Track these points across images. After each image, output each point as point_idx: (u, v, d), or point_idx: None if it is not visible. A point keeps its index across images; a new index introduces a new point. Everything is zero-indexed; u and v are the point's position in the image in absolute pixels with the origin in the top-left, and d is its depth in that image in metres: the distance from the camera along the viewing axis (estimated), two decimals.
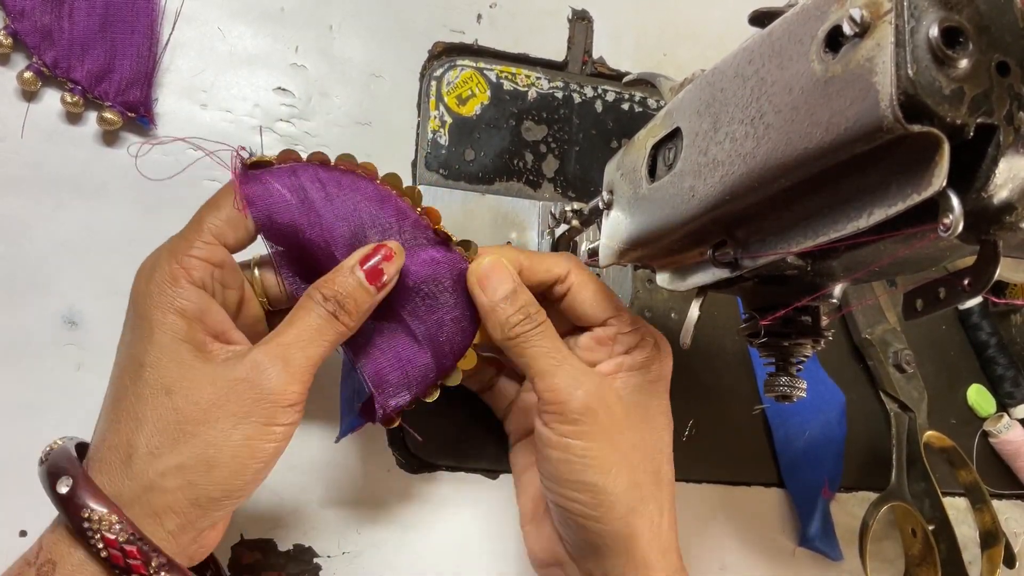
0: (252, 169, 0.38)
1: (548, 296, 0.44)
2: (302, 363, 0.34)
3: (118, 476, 0.32)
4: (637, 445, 0.40)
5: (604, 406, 0.39)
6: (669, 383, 0.43)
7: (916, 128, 0.23)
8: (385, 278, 0.37)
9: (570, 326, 0.45)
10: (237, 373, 0.33)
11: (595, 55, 0.59)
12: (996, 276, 0.27)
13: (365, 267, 0.37)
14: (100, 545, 0.30)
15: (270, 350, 0.34)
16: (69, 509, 0.31)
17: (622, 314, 0.43)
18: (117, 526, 0.31)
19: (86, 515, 0.30)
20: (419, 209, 0.41)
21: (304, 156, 0.40)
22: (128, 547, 0.31)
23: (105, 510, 0.31)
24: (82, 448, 0.35)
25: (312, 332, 0.35)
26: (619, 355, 0.42)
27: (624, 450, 0.39)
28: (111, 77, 0.46)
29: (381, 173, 0.41)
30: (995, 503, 0.60)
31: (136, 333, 0.34)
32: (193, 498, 0.32)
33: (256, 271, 0.40)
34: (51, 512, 0.32)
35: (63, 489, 0.31)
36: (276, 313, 0.41)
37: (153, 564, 0.31)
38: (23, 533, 0.42)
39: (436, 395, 0.42)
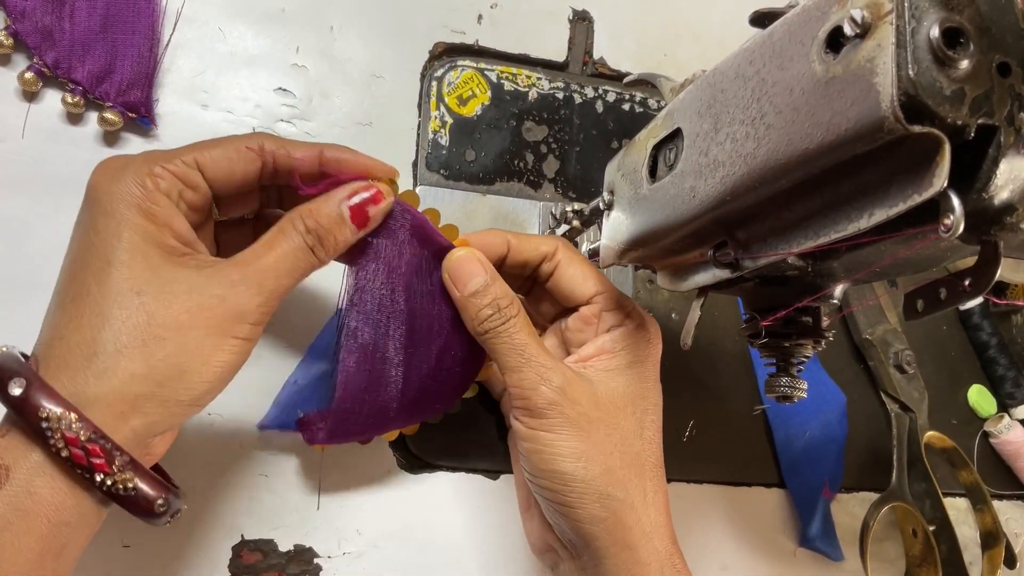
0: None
1: (537, 277, 0.45)
2: (274, 289, 0.35)
3: (81, 374, 0.31)
4: (611, 432, 0.40)
5: (569, 400, 0.39)
6: (656, 365, 0.43)
7: (917, 129, 0.23)
8: (369, 220, 0.37)
9: (560, 308, 0.45)
10: (213, 289, 0.33)
11: (596, 56, 0.59)
12: (997, 277, 0.27)
13: (351, 202, 0.37)
14: (61, 444, 0.29)
15: (248, 274, 0.34)
16: (25, 410, 0.30)
17: (607, 291, 0.43)
18: (76, 424, 0.30)
19: (44, 415, 0.29)
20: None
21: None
22: (90, 445, 0.30)
23: (63, 409, 0.30)
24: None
25: (289, 261, 0.35)
26: (602, 334, 0.43)
27: (595, 438, 0.40)
28: (112, 78, 0.46)
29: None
30: (996, 503, 0.60)
31: (100, 231, 0.33)
32: (162, 400, 0.32)
33: None
34: None
35: (16, 391, 0.30)
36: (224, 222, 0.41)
37: (116, 463, 0.30)
38: None
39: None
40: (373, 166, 0.39)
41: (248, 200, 0.40)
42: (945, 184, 0.24)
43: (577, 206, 0.48)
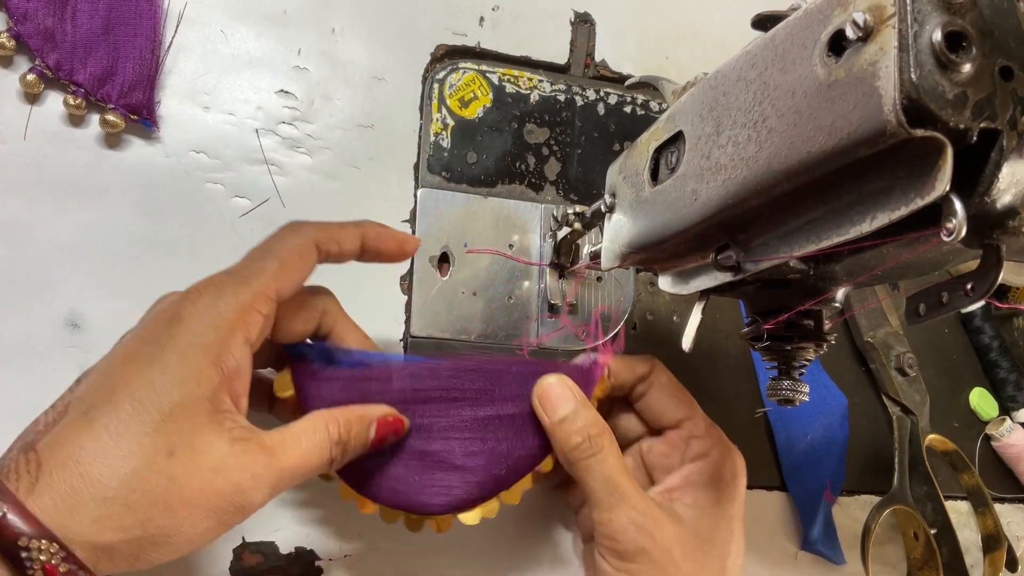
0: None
1: (628, 397, 0.45)
2: (285, 487, 0.35)
3: (82, 513, 0.29)
4: (695, 573, 0.40)
5: (657, 546, 0.39)
6: (741, 504, 0.43)
7: (919, 132, 0.23)
8: (383, 444, 0.38)
9: (643, 429, 0.46)
10: (234, 474, 0.32)
11: (597, 58, 0.59)
12: (999, 280, 0.27)
13: (378, 432, 0.38)
14: (39, 574, 0.28)
15: (271, 470, 0.33)
16: (3, 534, 0.28)
17: (696, 416, 0.43)
18: (58, 557, 0.28)
19: (24, 543, 0.28)
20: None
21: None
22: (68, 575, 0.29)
23: (47, 541, 0.28)
24: None
25: (310, 466, 0.35)
26: (689, 462, 0.42)
27: None
28: (114, 79, 0.46)
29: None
30: (997, 507, 0.60)
31: (167, 371, 0.32)
32: (137, 556, 0.31)
33: None
34: None
35: None
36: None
37: None
38: None
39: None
40: (404, 239, 0.41)
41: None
42: (947, 188, 0.24)
43: (579, 208, 0.48)
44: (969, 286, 0.28)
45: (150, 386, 0.32)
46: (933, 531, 0.56)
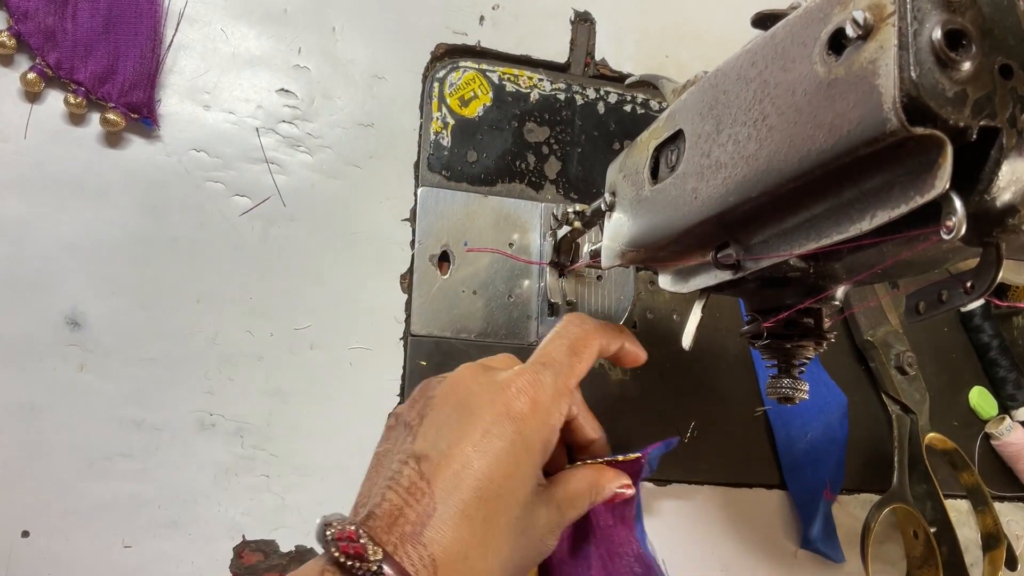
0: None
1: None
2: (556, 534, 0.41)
3: None
4: None
5: None
6: None
7: (919, 130, 0.23)
8: (612, 504, 0.45)
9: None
10: (550, 538, 0.39)
11: (597, 57, 0.59)
12: (998, 279, 0.27)
13: (617, 491, 0.44)
14: None
15: (560, 527, 0.40)
16: None
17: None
18: None
19: None
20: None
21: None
22: None
23: None
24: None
25: (575, 518, 0.41)
26: None
27: None
28: (114, 78, 0.46)
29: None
30: (997, 505, 0.60)
31: (520, 465, 0.36)
32: None
33: None
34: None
35: None
36: None
37: None
38: (25, 533, 0.42)
39: None
40: (640, 352, 0.45)
41: None
42: (947, 186, 0.24)
43: (579, 207, 0.48)
44: (969, 284, 0.28)
45: (511, 482, 0.36)
46: (933, 529, 0.56)
